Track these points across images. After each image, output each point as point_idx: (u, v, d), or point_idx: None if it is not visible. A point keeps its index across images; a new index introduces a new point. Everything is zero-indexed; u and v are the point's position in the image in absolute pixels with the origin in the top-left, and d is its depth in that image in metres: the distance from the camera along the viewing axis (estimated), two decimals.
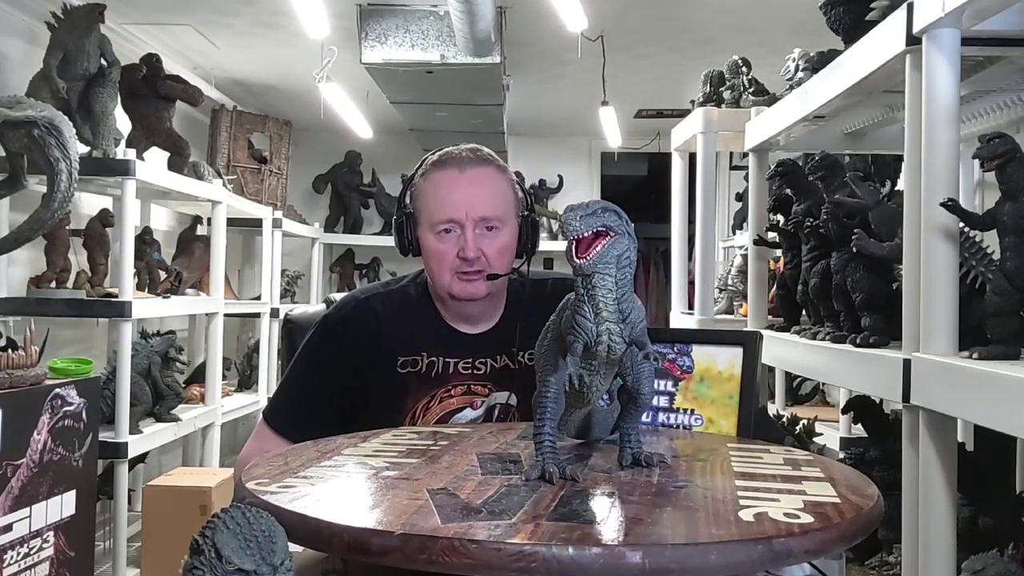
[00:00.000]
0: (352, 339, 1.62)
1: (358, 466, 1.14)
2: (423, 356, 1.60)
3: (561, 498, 0.96)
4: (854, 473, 1.14)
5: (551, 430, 1.07)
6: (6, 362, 2.23)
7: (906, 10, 1.53)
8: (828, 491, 1.01)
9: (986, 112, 2.11)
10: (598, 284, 1.03)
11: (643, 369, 1.11)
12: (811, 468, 1.14)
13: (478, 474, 1.07)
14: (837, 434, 3.13)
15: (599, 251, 1.01)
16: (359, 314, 1.65)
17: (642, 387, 1.12)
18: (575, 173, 6.58)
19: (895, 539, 1.88)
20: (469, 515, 0.88)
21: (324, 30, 3.42)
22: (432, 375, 1.59)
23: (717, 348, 1.40)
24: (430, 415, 1.58)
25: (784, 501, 0.95)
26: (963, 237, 1.52)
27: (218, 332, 3.96)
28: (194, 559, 0.79)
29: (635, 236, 1.04)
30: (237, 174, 4.86)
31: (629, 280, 1.04)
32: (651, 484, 1.03)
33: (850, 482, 1.07)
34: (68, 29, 2.91)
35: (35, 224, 2.43)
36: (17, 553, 2.25)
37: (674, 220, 3.58)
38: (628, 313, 1.04)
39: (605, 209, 1.02)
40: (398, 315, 1.64)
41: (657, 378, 1.41)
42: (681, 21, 3.89)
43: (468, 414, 1.59)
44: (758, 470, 1.11)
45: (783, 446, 1.32)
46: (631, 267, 1.04)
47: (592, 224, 1.01)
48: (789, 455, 1.22)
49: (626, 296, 1.04)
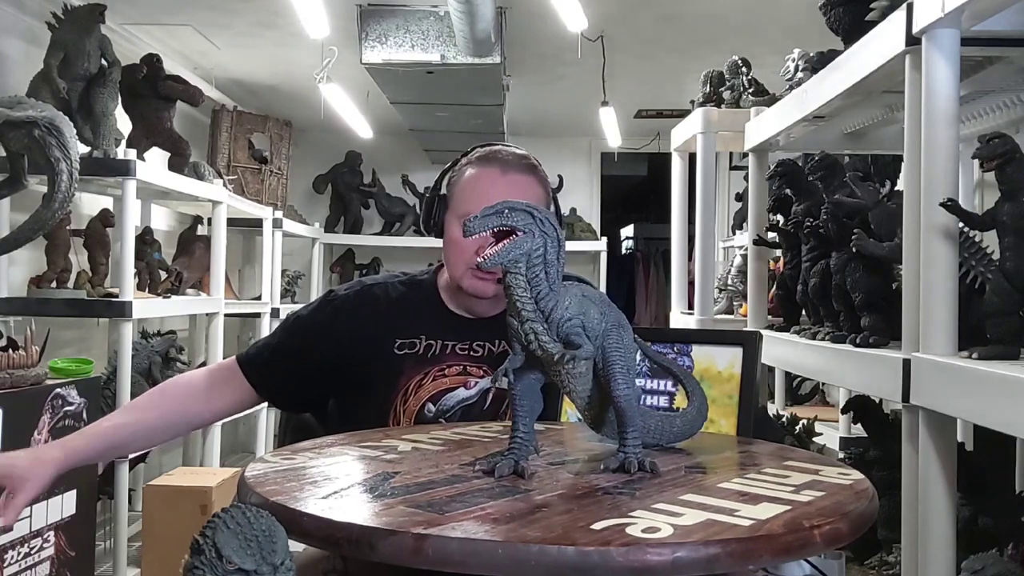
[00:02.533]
0: (348, 318, 1.64)
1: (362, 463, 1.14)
2: (421, 339, 1.62)
3: (469, 491, 0.95)
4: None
5: (523, 426, 1.07)
6: (7, 362, 2.23)
7: (906, 10, 1.53)
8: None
9: (986, 112, 2.11)
10: (511, 284, 1.03)
11: (613, 368, 1.07)
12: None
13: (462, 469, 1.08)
14: (837, 434, 3.13)
15: (497, 250, 1.01)
16: (363, 297, 1.67)
17: (614, 388, 1.07)
18: (575, 173, 6.58)
19: (895, 539, 1.89)
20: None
21: (324, 30, 3.42)
22: (428, 355, 1.61)
23: (717, 348, 1.40)
24: (422, 392, 1.59)
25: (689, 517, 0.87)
26: (963, 237, 1.53)
27: (218, 332, 3.96)
28: (194, 559, 0.79)
29: (556, 235, 1.03)
30: (237, 174, 4.86)
31: (550, 279, 1.03)
32: (596, 488, 0.99)
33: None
34: (68, 29, 2.92)
35: (36, 224, 2.43)
36: (18, 553, 2.26)
37: (674, 220, 3.58)
38: (550, 312, 1.03)
39: (513, 209, 1.01)
40: (401, 302, 1.67)
41: (657, 378, 1.41)
42: (681, 21, 3.89)
43: (460, 393, 1.59)
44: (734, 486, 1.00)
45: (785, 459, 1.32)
46: (549, 266, 1.02)
47: (488, 224, 1.01)
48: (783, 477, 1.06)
49: (546, 295, 1.03)
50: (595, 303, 1.08)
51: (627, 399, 1.06)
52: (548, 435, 1.31)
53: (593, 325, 1.06)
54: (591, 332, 1.06)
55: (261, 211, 4.75)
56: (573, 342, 1.04)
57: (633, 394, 1.08)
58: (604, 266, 6.42)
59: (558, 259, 1.04)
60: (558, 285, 1.04)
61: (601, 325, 1.07)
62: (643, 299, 7.57)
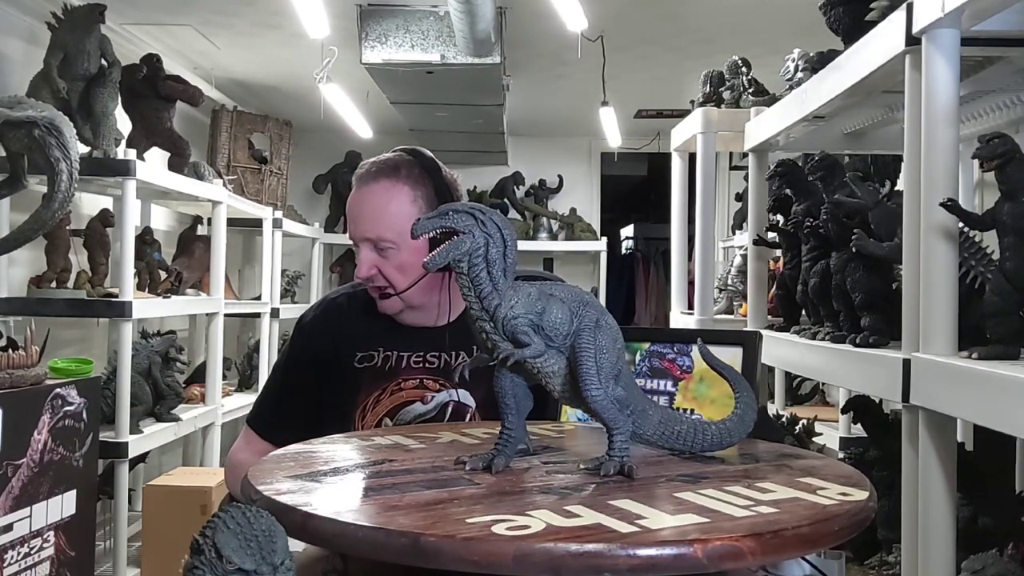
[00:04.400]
0: (317, 338, 1.66)
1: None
2: (379, 351, 1.62)
3: (412, 481, 1.00)
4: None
5: (507, 424, 1.09)
6: (6, 362, 2.23)
7: (906, 10, 1.53)
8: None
9: (986, 112, 2.11)
10: (460, 284, 1.06)
11: (581, 369, 1.04)
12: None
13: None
14: (837, 434, 3.13)
15: (438, 251, 1.03)
16: (326, 313, 1.70)
17: (582, 389, 1.04)
18: (575, 173, 6.58)
19: (895, 539, 1.89)
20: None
21: (324, 30, 3.42)
22: (386, 369, 1.60)
23: (717, 348, 1.40)
24: (380, 408, 1.58)
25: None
26: (963, 237, 1.53)
27: (218, 332, 3.96)
28: (194, 559, 0.79)
29: (501, 234, 1.04)
30: (237, 174, 4.87)
31: (493, 277, 1.04)
32: (550, 487, 0.99)
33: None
34: (68, 29, 2.92)
35: (35, 224, 2.43)
36: (17, 553, 2.25)
37: (674, 220, 3.58)
38: (494, 310, 1.04)
39: (456, 211, 1.04)
40: (360, 312, 1.67)
41: (657, 378, 1.41)
42: (681, 21, 3.89)
43: (417, 408, 1.57)
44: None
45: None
46: (492, 265, 1.04)
47: (430, 227, 1.04)
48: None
49: (488, 293, 1.04)
50: (564, 302, 1.06)
51: (596, 400, 1.04)
52: (576, 436, 1.32)
53: (554, 324, 1.05)
54: (552, 331, 1.04)
55: (261, 211, 4.75)
56: (520, 340, 1.04)
57: (605, 396, 1.04)
58: (604, 266, 6.43)
59: (504, 258, 1.04)
60: (504, 284, 1.05)
61: (570, 325, 1.05)
62: (643, 299, 7.57)
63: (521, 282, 1.07)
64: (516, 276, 1.08)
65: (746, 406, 1.17)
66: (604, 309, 1.10)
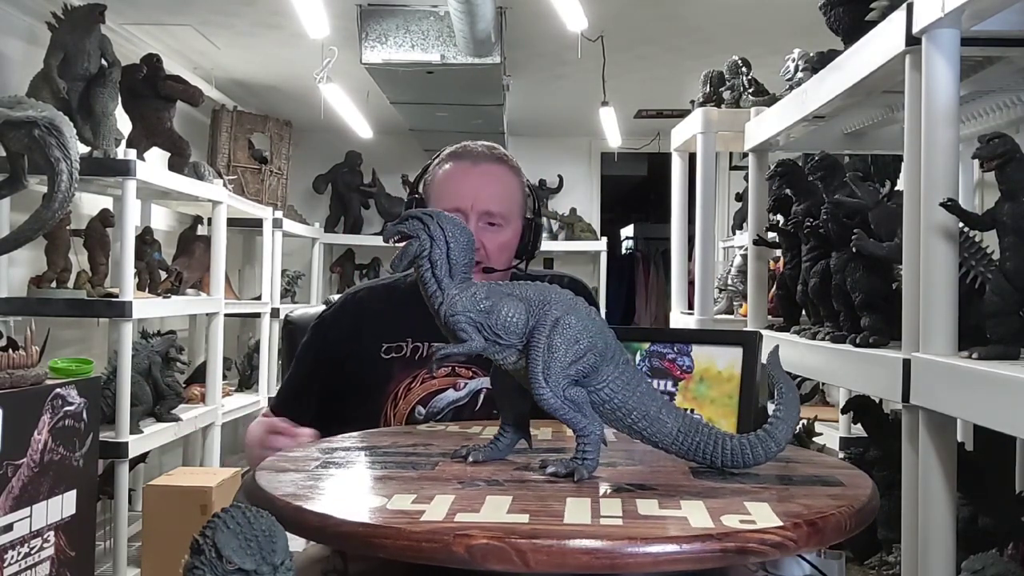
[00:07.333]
0: (339, 330, 1.68)
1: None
2: (408, 341, 1.63)
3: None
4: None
5: (503, 420, 1.15)
6: (7, 362, 2.23)
7: (906, 10, 1.53)
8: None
9: (986, 112, 2.11)
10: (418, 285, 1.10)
11: (529, 367, 1.03)
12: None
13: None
14: (837, 434, 3.14)
15: (396, 255, 1.09)
16: (347, 307, 1.72)
17: (531, 389, 1.04)
18: (575, 173, 6.58)
19: (895, 539, 1.89)
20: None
21: (324, 30, 3.42)
22: (416, 358, 1.62)
23: (717, 348, 1.40)
24: (411, 396, 1.60)
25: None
26: (963, 237, 1.52)
27: (218, 332, 3.96)
28: (194, 559, 0.79)
29: (444, 236, 1.08)
30: (237, 174, 4.87)
31: (437, 277, 1.07)
32: (484, 479, 1.03)
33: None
34: (68, 29, 2.92)
35: (36, 224, 2.43)
36: (18, 553, 2.26)
37: (674, 220, 3.58)
38: (436, 308, 1.07)
39: (411, 217, 1.09)
40: (385, 304, 1.69)
41: (657, 378, 1.41)
42: (681, 21, 3.90)
43: (450, 395, 1.60)
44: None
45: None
46: (435, 266, 1.07)
47: (393, 232, 1.10)
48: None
49: (432, 292, 1.08)
50: (523, 301, 1.06)
51: (543, 400, 1.02)
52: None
53: (505, 322, 1.05)
54: (501, 329, 1.05)
55: (261, 211, 4.75)
56: (459, 337, 1.06)
57: (553, 396, 1.02)
58: (604, 266, 6.43)
59: (447, 258, 1.07)
60: (449, 283, 1.07)
61: (524, 323, 1.05)
62: (643, 299, 7.57)
63: (471, 282, 1.09)
64: (531, 277, 1.10)
65: (780, 422, 1.07)
66: (577, 307, 1.06)
